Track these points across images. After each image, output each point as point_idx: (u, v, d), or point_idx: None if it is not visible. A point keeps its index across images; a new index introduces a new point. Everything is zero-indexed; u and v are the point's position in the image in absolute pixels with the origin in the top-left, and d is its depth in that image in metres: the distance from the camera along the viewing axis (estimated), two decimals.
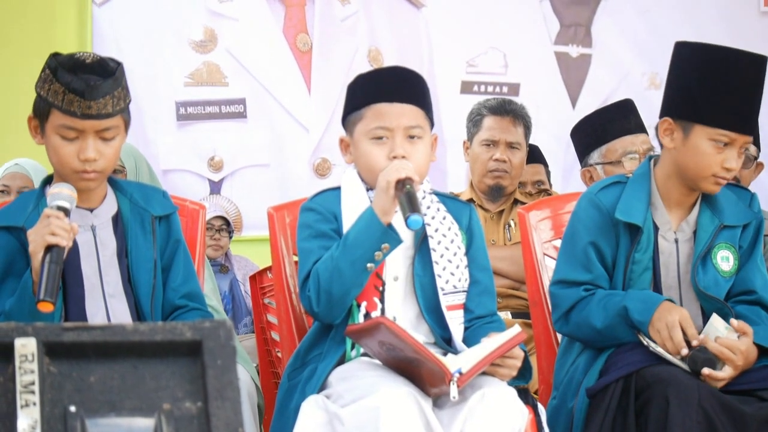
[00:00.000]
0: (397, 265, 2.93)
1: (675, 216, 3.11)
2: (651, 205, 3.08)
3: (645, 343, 2.95)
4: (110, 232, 2.91)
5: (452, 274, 2.96)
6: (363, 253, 2.82)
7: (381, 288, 2.93)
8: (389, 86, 2.99)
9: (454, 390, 2.60)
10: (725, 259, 3.07)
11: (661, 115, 3.10)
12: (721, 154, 2.99)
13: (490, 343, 2.70)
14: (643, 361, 2.92)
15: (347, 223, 2.92)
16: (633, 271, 3.05)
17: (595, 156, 4.26)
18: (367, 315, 2.90)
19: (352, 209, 2.94)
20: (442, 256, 2.95)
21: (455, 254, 2.97)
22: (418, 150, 2.94)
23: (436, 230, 2.96)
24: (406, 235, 2.89)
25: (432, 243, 2.94)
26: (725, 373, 2.90)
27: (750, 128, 3.01)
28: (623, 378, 2.90)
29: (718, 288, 3.06)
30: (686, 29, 7.01)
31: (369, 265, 2.83)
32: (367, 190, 3.00)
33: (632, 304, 2.96)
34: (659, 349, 2.92)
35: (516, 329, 2.73)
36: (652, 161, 3.16)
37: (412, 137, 2.94)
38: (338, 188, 3.03)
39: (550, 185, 5.36)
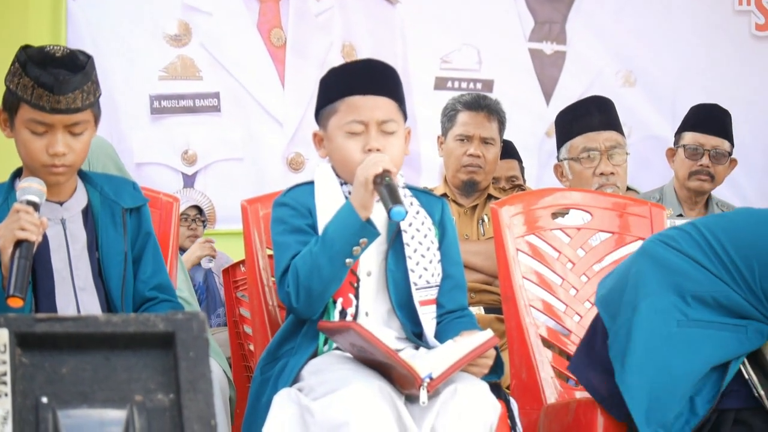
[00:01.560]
0: (370, 260, 2.92)
1: None
2: None
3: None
4: (80, 225, 2.90)
5: (425, 269, 2.96)
6: (341, 248, 2.80)
7: (356, 284, 2.91)
8: (363, 79, 2.98)
9: (423, 395, 2.59)
10: None
11: None
12: None
13: (462, 346, 2.69)
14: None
15: (322, 219, 2.91)
16: None
17: (563, 151, 4.28)
18: (342, 311, 2.89)
19: (326, 204, 2.93)
20: (415, 250, 2.95)
21: (428, 249, 2.97)
22: (392, 143, 2.94)
23: (410, 224, 2.95)
24: (379, 230, 2.89)
25: (405, 237, 2.94)
26: None
27: None
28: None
29: None
30: (660, 28, 7.05)
31: (348, 260, 2.82)
32: (342, 184, 2.99)
33: None
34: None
35: (488, 333, 2.73)
36: None
37: (385, 132, 2.95)
38: (311, 183, 3.02)
39: (524, 181, 5.37)
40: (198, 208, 6.08)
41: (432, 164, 6.24)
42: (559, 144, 4.30)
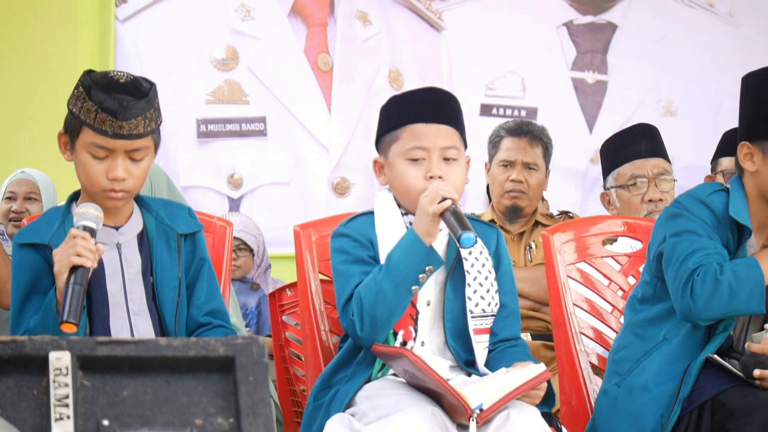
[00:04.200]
0: (429, 290, 2.91)
1: (759, 238, 3.10)
2: None
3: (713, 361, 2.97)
4: (135, 250, 2.91)
5: (482, 297, 2.95)
6: (407, 275, 2.80)
7: (415, 316, 2.91)
8: (425, 107, 2.99)
9: (473, 428, 2.59)
10: None
11: (739, 142, 3.09)
12: None
13: (515, 378, 2.69)
14: (723, 384, 2.94)
15: (383, 250, 2.90)
16: None
17: (610, 180, 4.27)
18: (404, 343, 2.88)
19: (388, 235, 2.93)
20: (475, 279, 2.94)
21: (486, 278, 2.97)
22: (454, 171, 2.94)
23: (470, 253, 2.95)
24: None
25: (466, 265, 2.93)
26: None
27: None
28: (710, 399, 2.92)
29: None
30: (700, 58, 7.04)
31: (413, 287, 2.82)
32: (403, 214, 2.99)
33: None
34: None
35: (541, 367, 2.73)
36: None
37: (447, 159, 2.94)
38: (371, 213, 3.01)
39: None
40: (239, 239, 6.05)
41: (477, 191, 6.24)
42: (606, 172, 4.30)
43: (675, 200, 3.15)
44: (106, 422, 1.76)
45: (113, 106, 2.73)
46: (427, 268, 2.81)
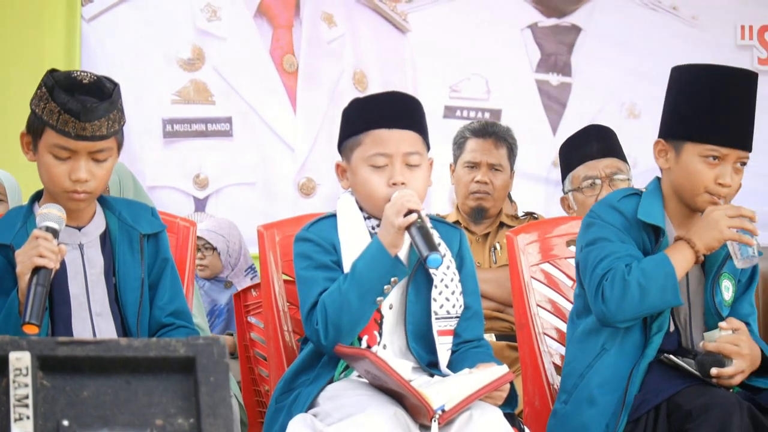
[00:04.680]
0: (391, 293, 2.90)
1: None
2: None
3: (667, 361, 2.98)
4: (98, 251, 2.90)
5: (447, 299, 2.95)
6: (372, 286, 2.80)
7: (380, 321, 2.91)
8: (388, 112, 2.98)
9: (435, 428, 2.59)
10: (727, 289, 3.08)
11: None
12: (714, 170, 3.00)
13: (477, 380, 2.68)
14: (678, 385, 2.94)
15: (346, 254, 2.90)
16: None
17: (566, 183, 4.28)
18: (368, 348, 2.87)
19: (351, 240, 2.92)
20: (441, 280, 2.95)
21: (452, 280, 2.97)
22: (416, 177, 2.93)
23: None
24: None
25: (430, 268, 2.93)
26: (734, 366, 2.93)
27: (742, 143, 3.02)
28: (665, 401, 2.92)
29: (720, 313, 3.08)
30: (664, 61, 7.06)
31: (378, 298, 2.82)
32: (366, 218, 2.98)
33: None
34: (683, 364, 2.96)
35: (504, 369, 2.73)
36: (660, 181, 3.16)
37: (410, 165, 2.94)
38: (334, 215, 3.00)
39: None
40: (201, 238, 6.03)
41: (441, 192, 6.26)
42: (563, 177, 4.31)
43: (590, 209, 3.15)
44: (66, 422, 1.76)
45: (76, 107, 2.72)
46: (392, 279, 2.81)
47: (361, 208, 2.99)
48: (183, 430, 1.79)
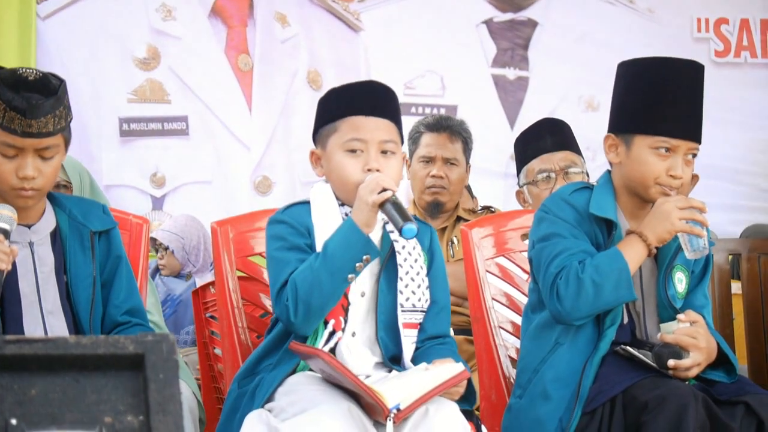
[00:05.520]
0: (364, 281, 2.91)
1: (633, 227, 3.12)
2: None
3: (624, 352, 2.99)
4: (48, 249, 2.88)
5: (413, 292, 2.95)
6: (344, 264, 2.80)
7: (346, 307, 2.90)
8: (365, 100, 3.00)
9: (390, 427, 2.59)
10: (680, 281, 3.10)
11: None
12: (665, 162, 3.00)
13: (433, 378, 2.68)
14: (633, 377, 2.94)
15: (320, 239, 2.89)
16: None
17: (521, 177, 4.29)
18: (332, 333, 2.87)
19: (325, 224, 2.92)
20: (407, 273, 2.95)
21: (418, 273, 2.97)
22: (391, 165, 2.94)
23: (403, 247, 2.95)
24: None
25: (399, 259, 2.93)
26: (692, 359, 2.94)
27: (692, 134, 3.03)
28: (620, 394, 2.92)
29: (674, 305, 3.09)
30: (621, 54, 7.09)
31: (350, 276, 2.82)
32: (340, 205, 2.98)
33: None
34: (639, 356, 2.97)
35: (460, 367, 2.73)
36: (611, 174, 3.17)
37: (385, 152, 2.95)
38: (308, 202, 3.00)
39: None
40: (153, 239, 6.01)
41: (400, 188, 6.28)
42: (518, 170, 4.32)
43: (542, 203, 3.16)
44: (14, 421, 1.75)
45: (21, 104, 2.70)
46: (364, 257, 2.81)
47: (336, 197, 3.00)
48: (132, 428, 1.78)
